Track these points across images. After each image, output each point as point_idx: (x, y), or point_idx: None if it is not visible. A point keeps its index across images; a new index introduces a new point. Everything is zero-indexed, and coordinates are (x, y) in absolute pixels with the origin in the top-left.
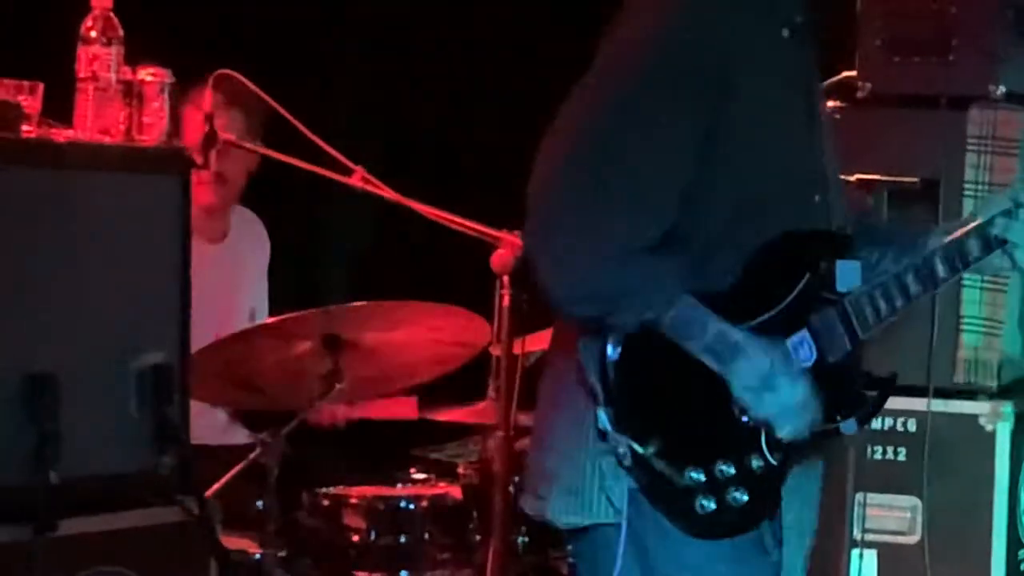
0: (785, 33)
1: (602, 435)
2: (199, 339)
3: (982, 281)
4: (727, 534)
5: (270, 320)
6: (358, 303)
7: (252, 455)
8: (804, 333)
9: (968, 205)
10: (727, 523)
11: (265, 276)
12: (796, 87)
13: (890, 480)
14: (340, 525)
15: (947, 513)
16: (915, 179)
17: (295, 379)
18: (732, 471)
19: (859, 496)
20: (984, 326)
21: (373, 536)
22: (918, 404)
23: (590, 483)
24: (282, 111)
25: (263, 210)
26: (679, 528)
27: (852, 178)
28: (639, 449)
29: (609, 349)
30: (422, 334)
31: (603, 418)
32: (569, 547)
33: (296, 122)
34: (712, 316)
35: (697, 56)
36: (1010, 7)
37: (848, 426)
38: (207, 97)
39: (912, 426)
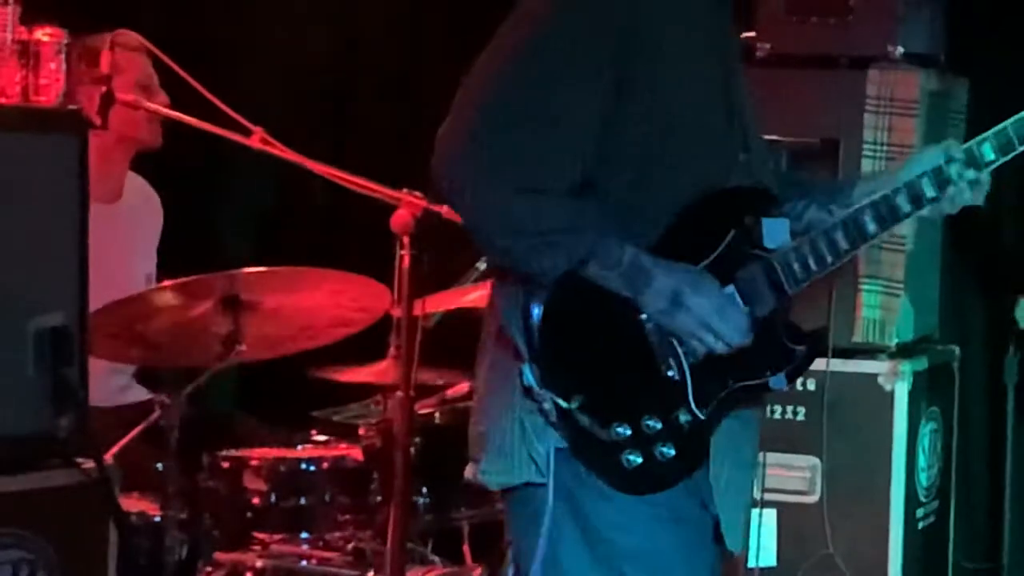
0: None
1: (527, 392)
2: (94, 300)
3: (881, 241)
4: (654, 488)
5: (170, 283)
6: (257, 268)
7: (152, 417)
8: (731, 289)
9: (867, 165)
10: (654, 477)
11: (154, 250)
12: (713, 46)
13: (790, 440)
14: (240, 487)
15: (846, 472)
16: (815, 139)
17: (195, 339)
18: (659, 426)
19: (759, 456)
20: (883, 286)
21: (274, 498)
22: (817, 363)
23: (516, 442)
24: (180, 72)
25: (163, 173)
26: (606, 482)
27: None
28: (564, 404)
29: (534, 305)
30: (322, 298)
31: (528, 374)
32: (500, 507)
33: (195, 83)
34: (627, 245)
35: (610, 7)
36: None
37: (777, 381)
38: (104, 57)
39: (811, 385)
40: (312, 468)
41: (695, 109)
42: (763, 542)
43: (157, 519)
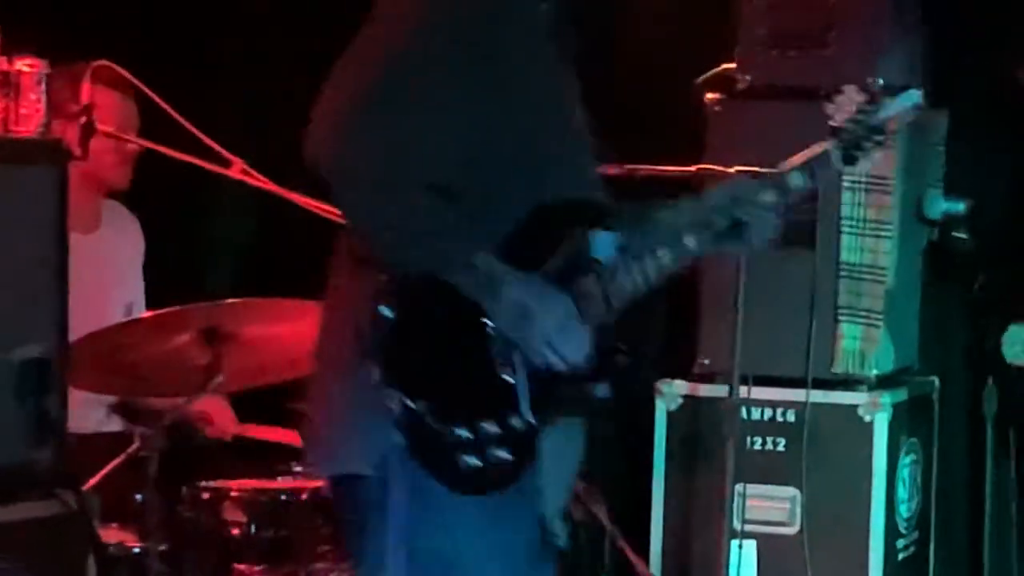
0: (544, 7)
1: (373, 388)
2: (74, 331)
3: (860, 272)
4: (489, 490)
5: (149, 313)
6: (237, 300)
7: (131, 448)
8: (566, 297)
9: (846, 198)
10: (488, 479)
11: (140, 271)
12: (553, 62)
13: (769, 471)
14: (220, 518)
15: (826, 503)
16: None
17: (174, 370)
18: (496, 429)
19: (738, 487)
20: (863, 317)
21: (254, 529)
22: (797, 395)
23: (353, 434)
24: (160, 102)
25: (143, 202)
26: (444, 483)
27: (732, 170)
28: (411, 404)
29: (384, 304)
30: (303, 329)
31: (376, 371)
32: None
33: (174, 113)
34: (483, 251)
35: (470, 15)
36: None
37: (602, 390)
38: (85, 89)
39: (791, 417)
40: (292, 499)
41: (539, 122)
42: (743, 573)
43: (137, 550)
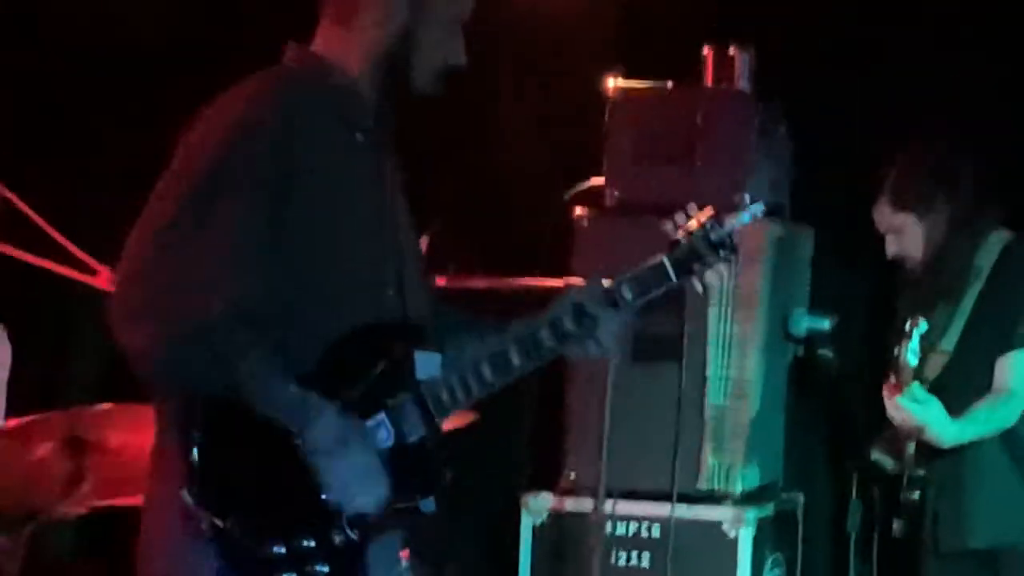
0: (359, 137)
1: (187, 513)
2: None
3: (726, 388)
4: None
5: (10, 424)
6: (102, 405)
7: None
8: (382, 416)
9: (713, 314)
10: None
11: (4, 383)
12: (369, 187)
13: None
14: None
15: None
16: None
17: (36, 481)
18: (313, 545)
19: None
20: (729, 432)
21: None
22: (662, 509)
23: (177, 563)
24: (25, 208)
25: (6, 308)
26: None
27: (562, 282)
28: (219, 522)
29: (193, 426)
30: None
31: (186, 493)
32: None
33: (40, 221)
34: (293, 382)
35: (268, 154)
36: (757, 118)
37: (427, 504)
38: None
39: (656, 531)
40: None
41: (348, 247)
42: None
43: None
